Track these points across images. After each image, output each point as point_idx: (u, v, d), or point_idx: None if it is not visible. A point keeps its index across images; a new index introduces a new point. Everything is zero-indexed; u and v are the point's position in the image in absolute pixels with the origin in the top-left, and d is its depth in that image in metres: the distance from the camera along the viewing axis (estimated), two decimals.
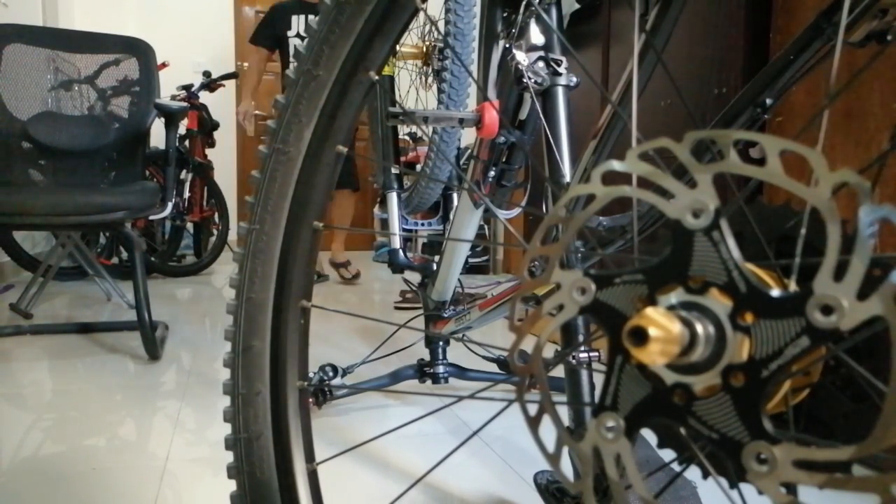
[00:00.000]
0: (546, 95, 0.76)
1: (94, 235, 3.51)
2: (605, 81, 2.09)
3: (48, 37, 2.35)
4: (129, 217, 1.97)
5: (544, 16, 0.77)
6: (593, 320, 0.32)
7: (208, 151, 4.13)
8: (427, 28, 1.57)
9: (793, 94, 1.35)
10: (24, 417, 1.39)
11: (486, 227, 3.70)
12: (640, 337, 0.27)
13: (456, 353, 1.47)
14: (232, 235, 4.05)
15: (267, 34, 3.52)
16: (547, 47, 0.78)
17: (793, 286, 0.32)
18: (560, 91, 0.75)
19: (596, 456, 0.31)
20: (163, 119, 2.25)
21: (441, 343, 1.40)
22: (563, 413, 0.69)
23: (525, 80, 0.74)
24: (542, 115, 0.74)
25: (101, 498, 1.02)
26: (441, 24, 1.30)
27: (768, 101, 0.55)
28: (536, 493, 0.82)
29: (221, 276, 3.84)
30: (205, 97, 4.07)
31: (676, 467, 0.36)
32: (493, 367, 1.55)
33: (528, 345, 0.35)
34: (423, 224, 1.81)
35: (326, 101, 0.54)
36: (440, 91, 1.37)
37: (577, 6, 2.20)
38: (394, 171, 1.44)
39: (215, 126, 4.16)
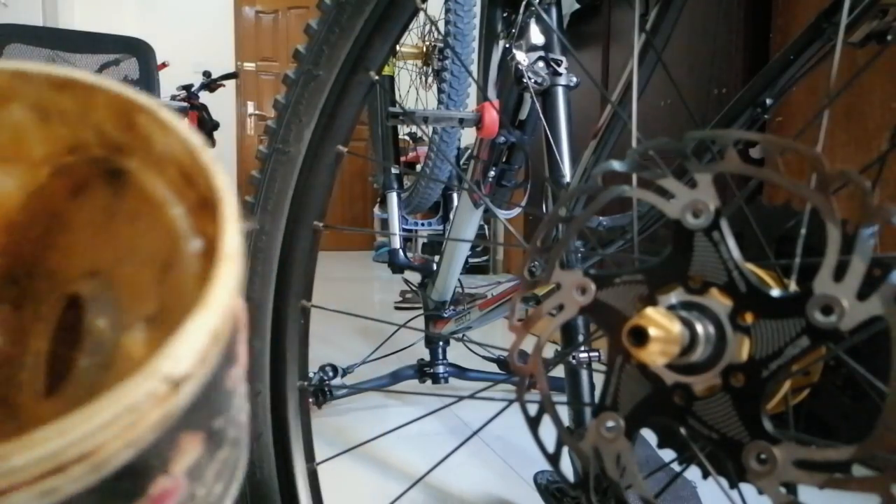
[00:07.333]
0: (546, 95, 0.76)
1: None
2: (605, 81, 2.09)
3: (48, 37, 2.35)
4: None
5: (544, 16, 0.77)
6: (593, 320, 0.32)
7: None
8: (427, 28, 1.57)
9: (793, 94, 1.35)
10: None
11: (486, 227, 3.70)
12: (641, 337, 0.27)
13: (456, 353, 1.47)
14: None
15: None
16: (547, 47, 0.77)
17: (793, 286, 0.32)
18: (560, 91, 0.75)
19: (596, 456, 0.31)
20: None
21: (441, 343, 1.40)
22: (563, 413, 0.69)
23: (525, 80, 0.74)
24: (542, 115, 0.74)
25: None
26: (441, 24, 1.30)
27: (768, 101, 0.55)
28: (536, 493, 0.82)
29: None
30: (205, 97, 4.07)
31: (676, 467, 0.36)
32: (493, 367, 1.55)
33: (528, 345, 0.35)
34: (423, 224, 1.81)
35: (326, 101, 0.54)
36: (440, 91, 1.37)
37: (577, 6, 2.20)
38: (394, 171, 1.44)
39: (215, 126, 4.15)
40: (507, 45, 0.79)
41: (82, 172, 0.21)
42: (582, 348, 0.64)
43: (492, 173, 1.03)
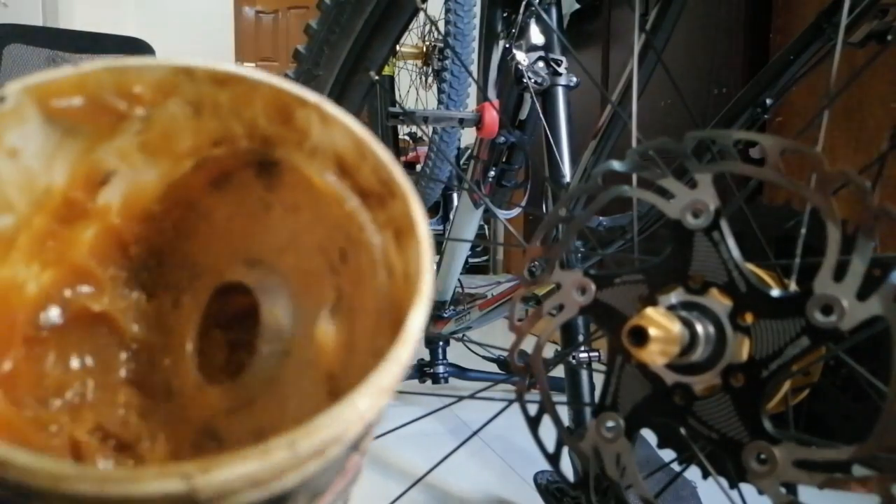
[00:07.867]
0: (546, 95, 0.76)
1: None
2: (605, 81, 2.09)
3: (48, 37, 2.35)
4: None
5: (544, 16, 0.77)
6: (593, 320, 0.32)
7: None
8: (427, 28, 1.57)
9: (793, 94, 1.35)
10: None
11: (486, 227, 3.70)
12: (640, 337, 0.27)
13: (456, 353, 1.46)
14: None
15: None
16: (547, 47, 0.77)
17: (793, 286, 0.32)
18: (560, 91, 0.75)
19: (596, 456, 0.31)
20: None
21: (441, 343, 1.40)
22: (563, 413, 0.68)
23: (525, 80, 0.74)
24: (542, 115, 0.74)
25: None
26: (441, 24, 1.30)
27: (768, 101, 0.55)
28: (536, 493, 0.82)
29: None
30: None
31: (676, 467, 0.36)
32: (493, 367, 1.55)
33: (528, 345, 0.34)
34: None
35: None
36: (440, 91, 1.37)
37: (577, 6, 2.20)
38: None
39: None
40: (507, 45, 0.79)
41: (226, 165, 0.21)
42: (582, 348, 0.64)
43: (492, 173, 1.03)
